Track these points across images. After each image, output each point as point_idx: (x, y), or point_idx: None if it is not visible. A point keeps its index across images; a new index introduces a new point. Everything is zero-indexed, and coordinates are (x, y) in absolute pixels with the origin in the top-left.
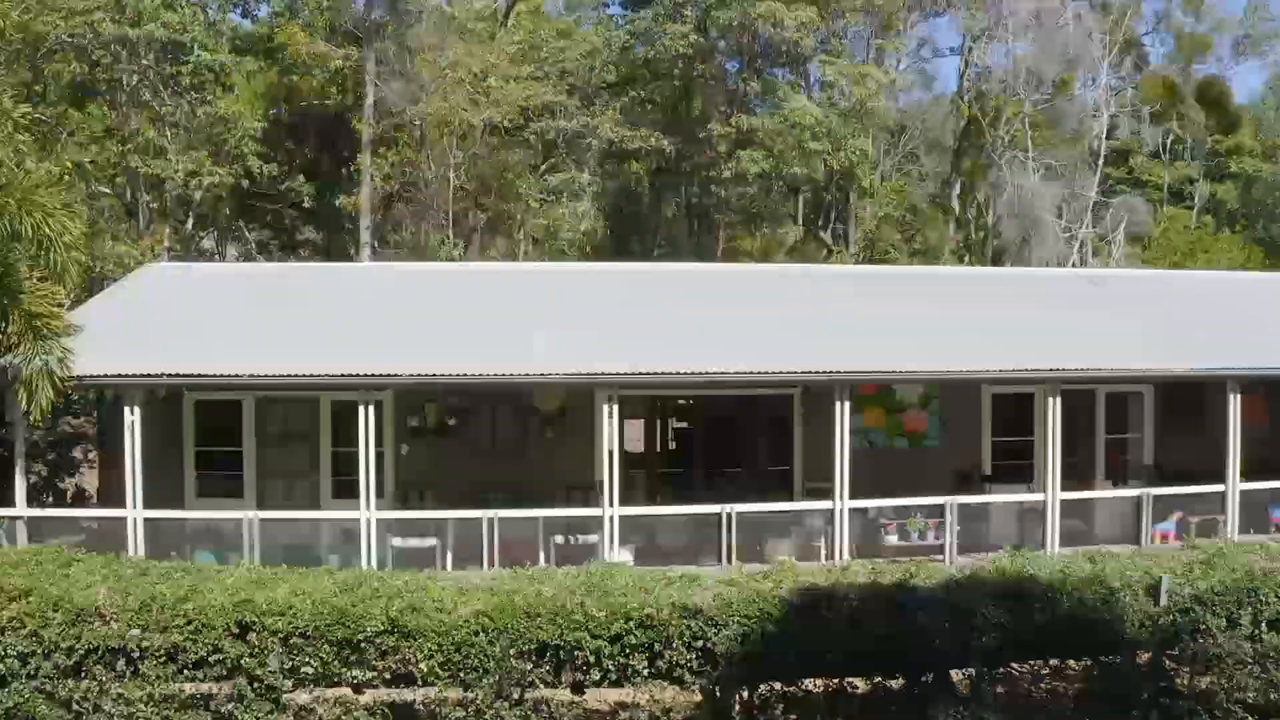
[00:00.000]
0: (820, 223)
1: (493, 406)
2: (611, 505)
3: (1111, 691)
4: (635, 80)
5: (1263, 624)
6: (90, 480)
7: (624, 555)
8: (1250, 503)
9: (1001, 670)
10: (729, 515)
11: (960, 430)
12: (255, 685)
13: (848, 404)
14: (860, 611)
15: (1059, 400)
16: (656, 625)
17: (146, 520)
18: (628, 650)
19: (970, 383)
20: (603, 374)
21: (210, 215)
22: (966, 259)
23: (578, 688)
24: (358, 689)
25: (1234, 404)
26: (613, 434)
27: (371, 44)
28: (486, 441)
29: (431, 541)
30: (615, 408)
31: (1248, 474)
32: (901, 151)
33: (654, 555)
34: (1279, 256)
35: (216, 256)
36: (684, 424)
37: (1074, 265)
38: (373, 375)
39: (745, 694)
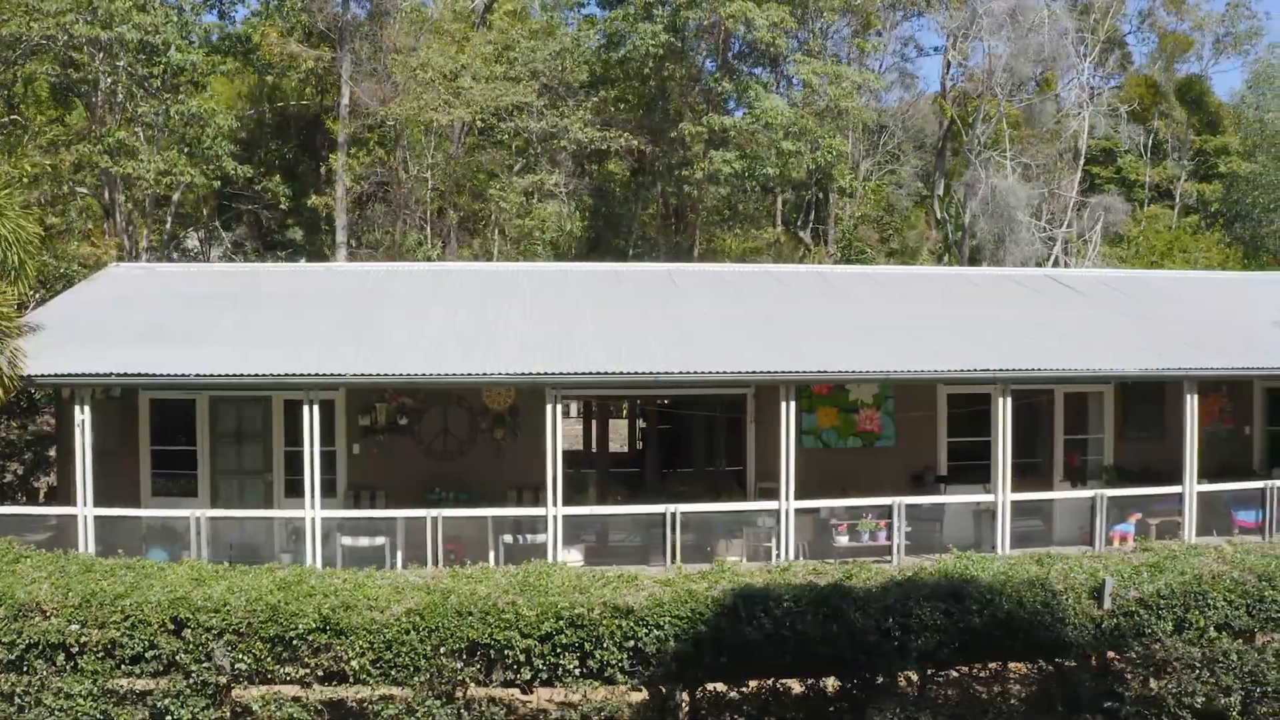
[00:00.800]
0: (800, 222)
1: (444, 406)
2: (555, 505)
3: (1056, 694)
4: (610, 80)
5: (1211, 628)
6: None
7: (574, 555)
8: (1212, 504)
9: (940, 672)
10: (673, 515)
11: (915, 430)
12: (191, 681)
13: (793, 404)
14: (793, 612)
15: (1009, 400)
16: (587, 625)
17: (100, 518)
18: (558, 649)
19: (920, 383)
20: (544, 374)
21: (193, 215)
22: (946, 259)
23: (526, 687)
24: (305, 685)
25: (1191, 404)
26: (557, 433)
27: (347, 44)
28: (438, 441)
29: (381, 540)
30: (559, 407)
31: (1212, 475)
32: (881, 151)
33: (605, 555)
34: (1261, 256)
35: (200, 256)
36: (643, 424)
37: (1054, 265)
38: (318, 375)
39: (687, 694)
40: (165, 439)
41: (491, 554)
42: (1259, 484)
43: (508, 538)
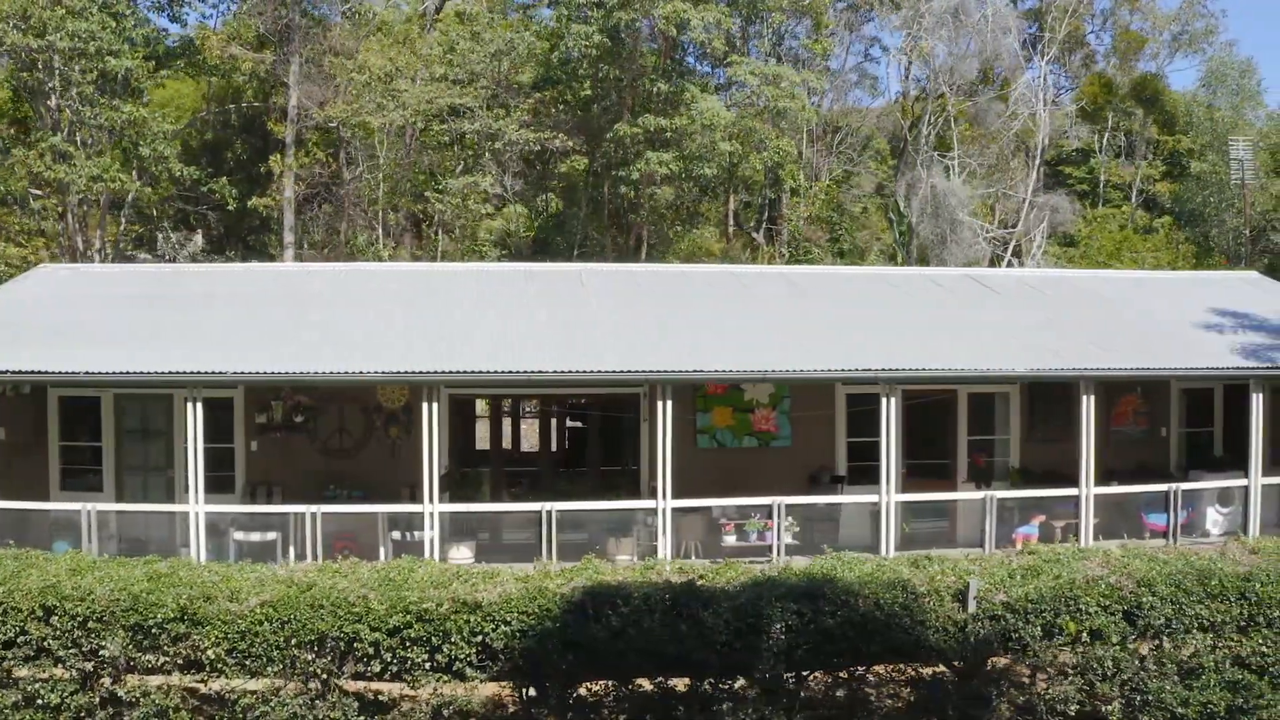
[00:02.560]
0: (754, 223)
1: (340, 405)
2: (433, 502)
3: (922, 701)
4: (554, 81)
5: (1084, 634)
6: None
7: (464, 552)
8: (1123, 507)
9: (803, 674)
10: (549, 513)
11: (814, 430)
12: (60, 666)
13: (670, 403)
14: (640, 610)
15: (893, 400)
16: (435, 619)
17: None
18: (407, 643)
19: (803, 382)
20: (417, 372)
21: (155, 216)
22: (899, 259)
23: (412, 681)
24: (167, 674)
25: (1087, 405)
26: (434, 431)
27: (294, 47)
28: (334, 439)
29: (272, 536)
30: (436, 405)
31: (1126, 476)
32: (835, 152)
33: (498, 552)
34: (1214, 255)
35: (168, 257)
36: (538, 422)
37: (1003, 265)
38: (196, 373)
39: (546, 691)
40: (73, 435)
41: (382, 550)
42: (1162, 486)
43: (396, 534)
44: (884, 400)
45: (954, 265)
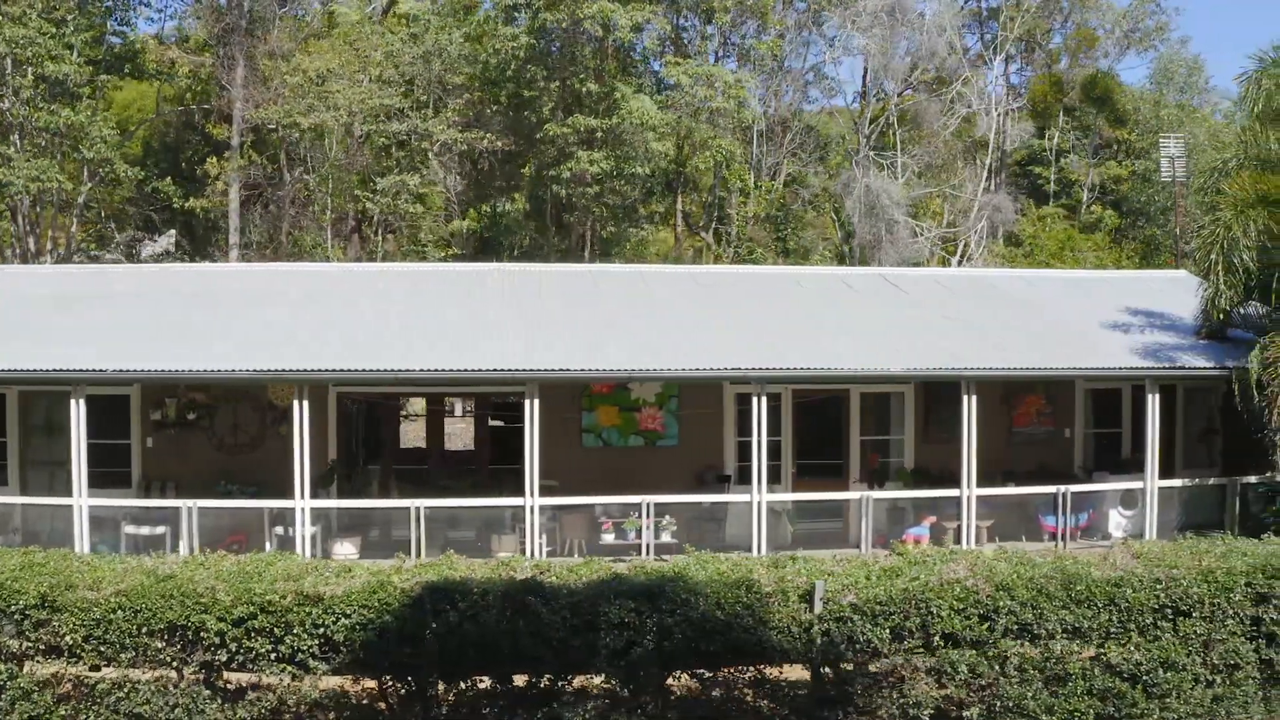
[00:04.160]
0: (703, 222)
1: (233, 403)
2: (304, 498)
3: (800, 704)
4: (490, 82)
5: (936, 637)
6: None
7: (347, 548)
8: (1023, 507)
9: (631, 673)
10: (418, 510)
11: (702, 430)
12: None
13: (537, 402)
14: (478, 605)
15: (764, 399)
16: (278, 611)
17: None
18: (251, 634)
19: (678, 380)
20: (283, 370)
21: (104, 217)
22: (846, 259)
23: (296, 671)
24: (28, 659)
25: (968, 405)
26: (303, 427)
27: (237, 48)
28: (230, 436)
29: (162, 530)
30: (308, 403)
31: (1027, 477)
32: (786, 150)
33: (385, 548)
34: (1161, 254)
35: (134, 257)
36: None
37: (955, 266)
38: (60, 370)
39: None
40: None
41: (268, 545)
42: (1051, 488)
43: (280, 530)
44: (755, 400)
45: (890, 265)
